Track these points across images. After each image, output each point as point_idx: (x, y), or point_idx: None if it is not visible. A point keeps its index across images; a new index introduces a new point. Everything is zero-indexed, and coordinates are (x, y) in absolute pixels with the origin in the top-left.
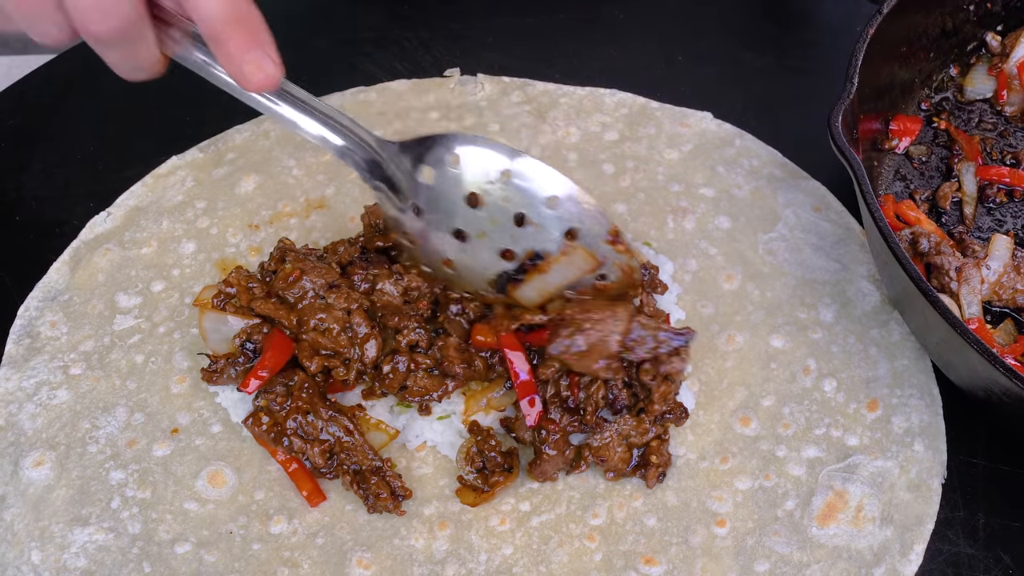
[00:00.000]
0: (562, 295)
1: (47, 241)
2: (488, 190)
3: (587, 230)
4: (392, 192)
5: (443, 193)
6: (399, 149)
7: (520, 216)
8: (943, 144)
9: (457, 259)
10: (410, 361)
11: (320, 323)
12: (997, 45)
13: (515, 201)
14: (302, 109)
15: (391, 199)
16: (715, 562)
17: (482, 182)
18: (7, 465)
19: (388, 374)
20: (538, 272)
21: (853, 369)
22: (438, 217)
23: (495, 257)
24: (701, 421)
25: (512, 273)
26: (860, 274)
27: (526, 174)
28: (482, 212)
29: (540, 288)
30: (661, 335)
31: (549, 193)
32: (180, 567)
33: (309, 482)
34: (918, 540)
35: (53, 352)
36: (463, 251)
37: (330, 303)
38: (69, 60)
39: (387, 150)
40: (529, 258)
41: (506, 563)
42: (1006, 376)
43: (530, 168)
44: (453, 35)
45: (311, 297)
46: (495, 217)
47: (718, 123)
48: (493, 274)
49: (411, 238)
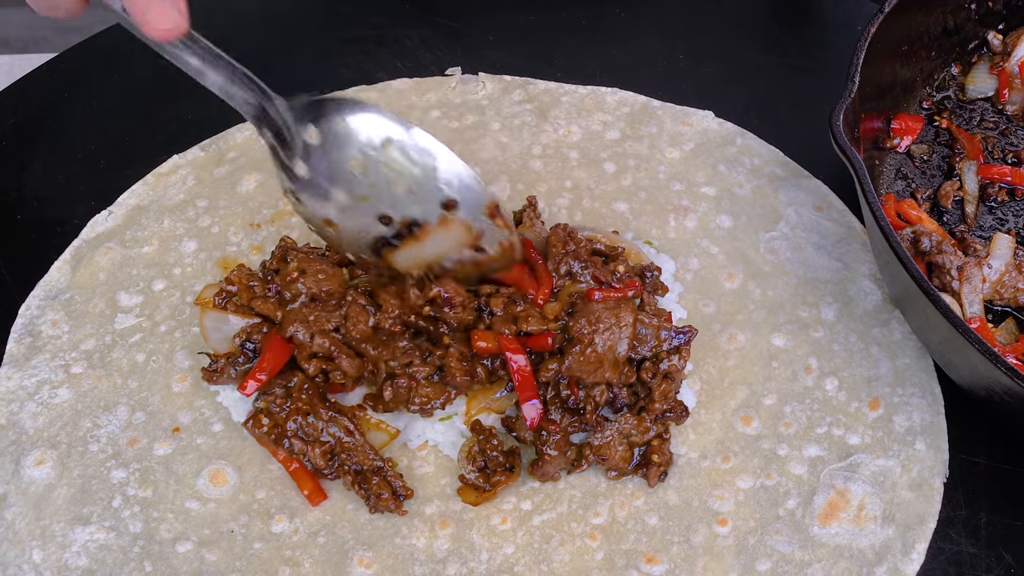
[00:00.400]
0: (440, 265)
1: (48, 240)
2: (370, 156)
3: (466, 202)
4: (282, 147)
5: (327, 155)
6: (291, 107)
7: (399, 184)
8: (944, 143)
9: (338, 220)
10: (410, 382)
11: (296, 331)
12: (999, 44)
13: (395, 169)
14: (208, 61)
15: (280, 153)
16: (717, 561)
17: (365, 148)
18: (8, 464)
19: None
20: (414, 240)
21: (855, 368)
22: (321, 178)
23: (374, 221)
24: (702, 420)
25: (389, 239)
26: (862, 273)
27: (409, 144)
28: (363, 177)
29: (415, 256)
30: (663, 333)
31: (430, 164)
32: (181, 566)
33: (310, 481)
34: (920, 539)
35: (54, 351)
36: (343, 213)
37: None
38: (71, 59)
39: (281, 105)
40: (406, 225)
41: (507, 562)
42: (1007, 375)
43: (413, 139)
44: (454, 33)
45: (299, 303)
46: (375, 183)
47: (719, 122)
48: (371, 238)
49: (298, 195)
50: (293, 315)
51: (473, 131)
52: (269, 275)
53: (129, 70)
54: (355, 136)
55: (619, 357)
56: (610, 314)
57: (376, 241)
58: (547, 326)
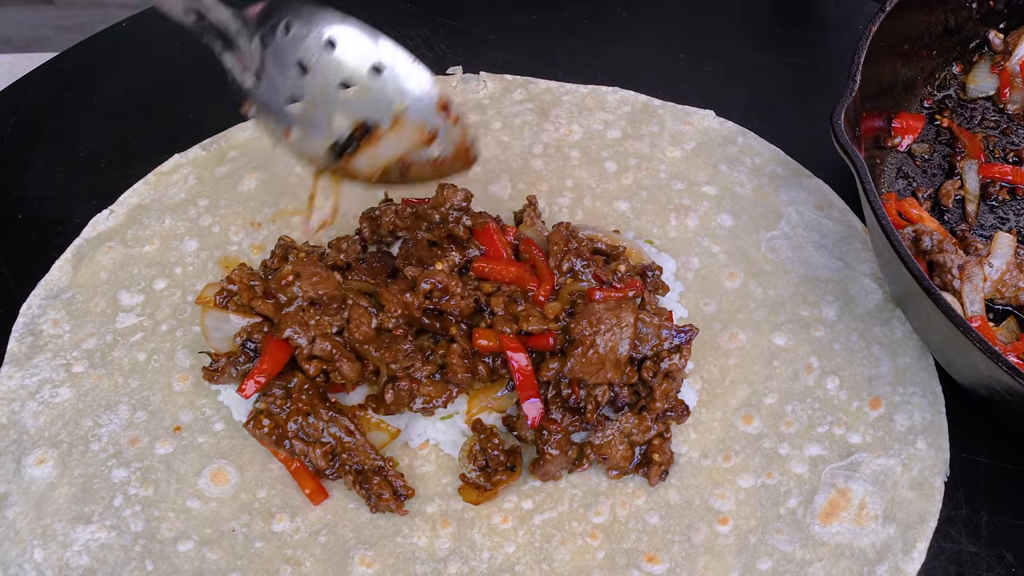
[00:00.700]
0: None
1: (49, 239)
2: (316, 59)
3: (417, 101)
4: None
5: (274, 60)
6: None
7: (346, 85)
8: (946, 142)
9: (295, 130)
10: (412, 384)
11: (294, 334)
12: (1000, 43)
13: (342, 70)
14: None
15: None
16: (718, 560)
17: (312, 50)
18: (9, 463)
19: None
20: (369, 144)
21: (856, 367)
22: (272, 89)
23: (328, 127)
24: (703, 419)
25: (344, 143)
26: (863, 272)
27: (353, 46)
28: (311, 81)
29: (372, 160)
30: (664, 332)
31: (375, 61)
32: (182, 565)
33: (311, 480)
34: (921, 538)
35: (55, 350)
36: (299, 122)
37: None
38: (72, 58)
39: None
40: (359, 128)
41: (508, 561)
42: (1008, 374)
43: (358, 41)
44: (455, 32)
45: (296, 306)
46: (323, 85)
47: (720, 121)
48: (328, 142)
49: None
50: (290, 318)
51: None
52: (270, 274)
53: (130, 69)
54: (299, 42)
55: (620, 357)
56: (611, 315)
57: (334, 146)
58: (548, 326)
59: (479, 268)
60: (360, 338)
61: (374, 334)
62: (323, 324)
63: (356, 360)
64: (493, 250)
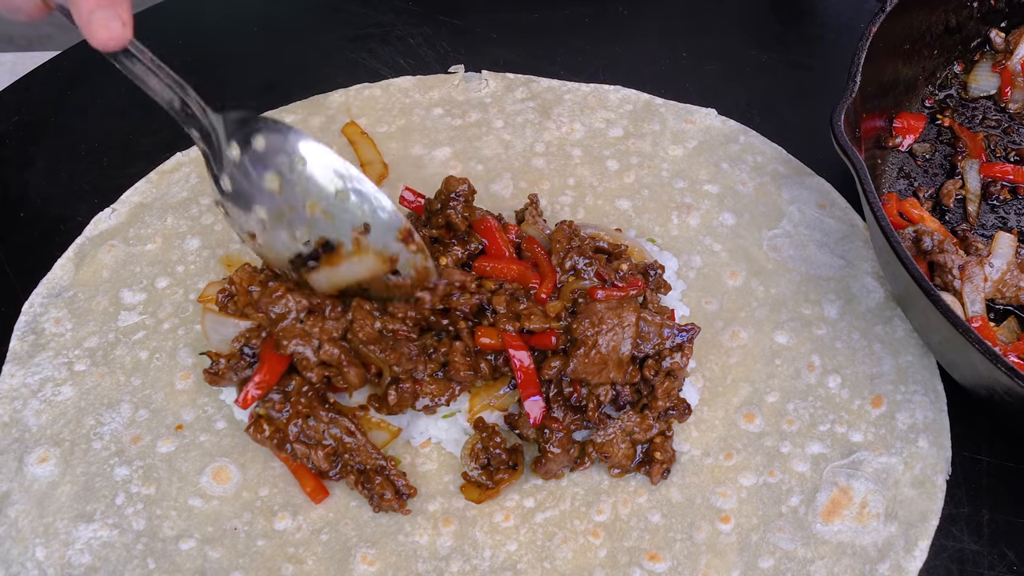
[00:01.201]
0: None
1: (51, 237)
2: (286, 177)
3: (378, 227)
4: (214, 158)
5: (247, 171)
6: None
7: (313, 205)
8: (947, 141)
9: (259, 235)
10: (414, 385)
11: (298, 347)
12: (1001, 42)
13: (309, 191)
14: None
15: (212, 165)
16: (719, 558)
17: (282, 167)
18: (11, 461)
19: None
20: (329, 264)
21: (857, 365)
22: (243, 193)
23: (291, 240)
24: (705, 417)
25: (306, 257)
26: (864, 270)
27: (323, 167)
28: (279, 197)
29: (332, 278)
30: (665, 331)
31: (343, 187)
32: (184, 563)
33: (313, 479)
34: (922, 536)
35: (57, 348)
36: (264, 230)
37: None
38: (73, 56)
39: (215, 119)
40: (320, 245)
41: (510, 559)
42: (1008, 375)
43: (328, 162)
44: (457, 31)
45: (292, 319)
46: (291, 202)
47: (722, 120)
48: (291, 254)
49: (225, 207)
50: (289, 331)
51: (476, 129)
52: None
53: None
54: (272, 156)
55: (623, 357)
56: (613, 314)
57: (296, 258)
58: (550, 324)
59: (481, 267)
60: (364, 339)
61: (378, 335)
62: (327, 330)
63: (361, 366)
64: (495, 248)
